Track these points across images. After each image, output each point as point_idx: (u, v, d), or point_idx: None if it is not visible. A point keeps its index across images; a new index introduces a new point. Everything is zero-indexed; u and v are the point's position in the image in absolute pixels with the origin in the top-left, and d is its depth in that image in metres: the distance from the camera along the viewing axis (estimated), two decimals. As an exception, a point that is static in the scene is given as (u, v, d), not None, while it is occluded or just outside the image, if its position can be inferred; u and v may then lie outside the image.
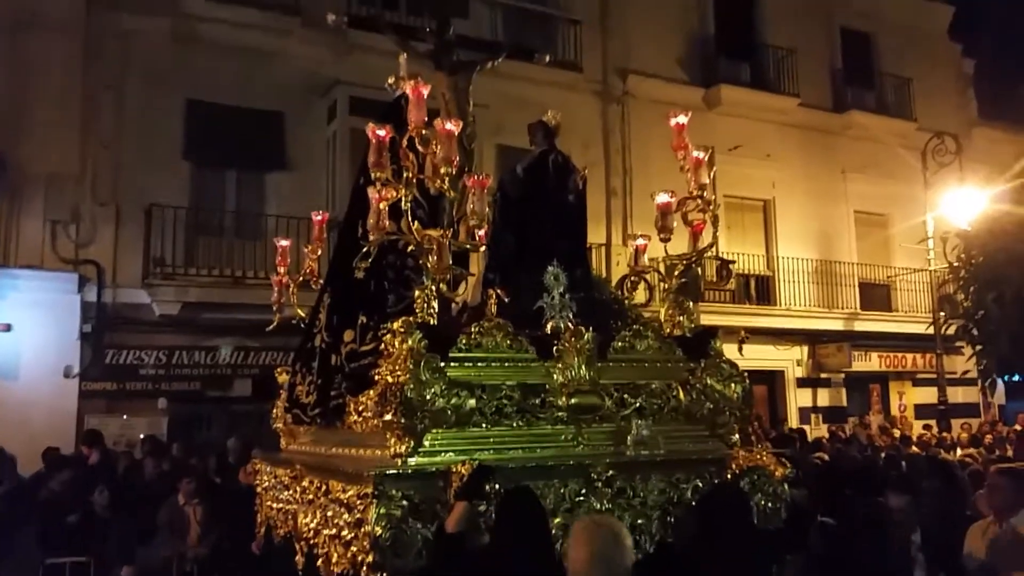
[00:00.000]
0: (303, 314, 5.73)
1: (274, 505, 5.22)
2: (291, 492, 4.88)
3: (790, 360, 16.23)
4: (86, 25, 11.41)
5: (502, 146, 12.17)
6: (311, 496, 4.47)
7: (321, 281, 5.69)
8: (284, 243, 6.21)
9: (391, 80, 5.34)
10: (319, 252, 5.92)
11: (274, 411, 5.90)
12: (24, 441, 8.76)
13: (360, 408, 4.24)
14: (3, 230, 10.84)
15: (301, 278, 5.90)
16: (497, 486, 3.64)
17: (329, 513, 4.07)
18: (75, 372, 10.83)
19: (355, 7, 12.32)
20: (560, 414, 4.15)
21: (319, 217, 5.96)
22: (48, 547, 6.87)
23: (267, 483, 5.50)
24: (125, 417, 11.09)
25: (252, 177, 12.42)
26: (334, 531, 3.96)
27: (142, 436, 10.48)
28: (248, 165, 12.38)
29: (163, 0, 11.61)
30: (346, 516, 3.84)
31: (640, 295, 5.30)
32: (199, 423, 11.83)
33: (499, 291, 4.29)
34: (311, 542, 4.33)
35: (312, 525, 4.34)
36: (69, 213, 11.09)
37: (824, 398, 16.55)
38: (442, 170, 4.03)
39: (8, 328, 10.46)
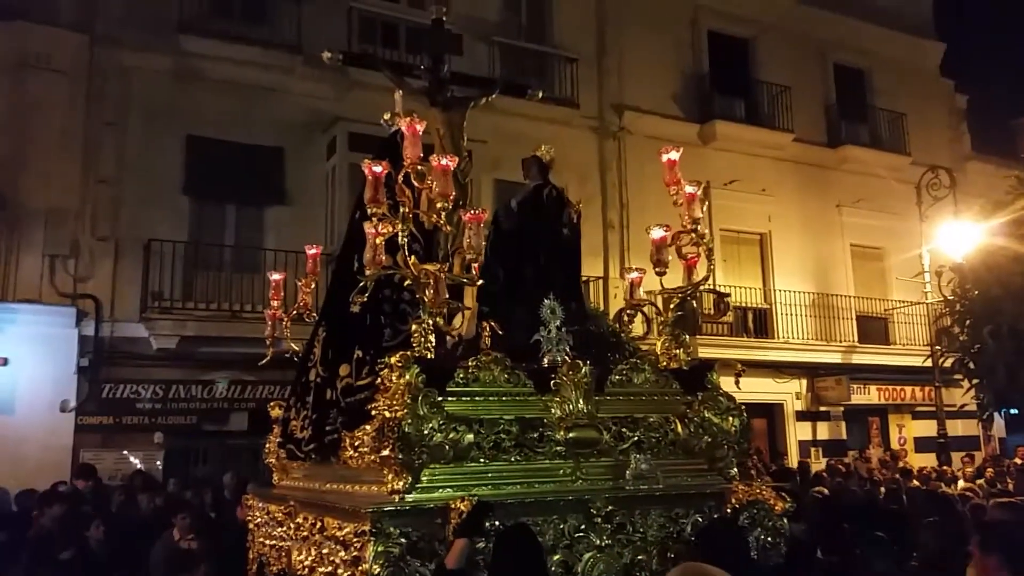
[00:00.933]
0: (296, 348, 5.71)
1: (267, 542, 5.16)
2: (285, 529, 4.82)
3: (789, 393, 16.19)
4: (88, 63, 11.54)
5: (500, 181, 12.26)
6: (305, 533, 4.42)
7: (315, 315, 5.68)
8: (277, 277, 6.20)
9: (387, 116, 5.41)
10: (312, 285, 5.93)
11: (267, 446, 5.86)
12: (19, 476, 8.72)
13: (356, 443, 4.20)
14: (2, 264, 10.86)
15: (294, 312, 5.89)
16: (496, 522, 3.61)
17: (324, 550, 4.02)
18: (72, 406, 10.78)
19: (356, 45, 12.50)
20: (558, 448, 4.11)
21: (313, 251, 5.98)
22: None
23: (260, 519, 5.44)
24: (125, 452, 11.01)
25: (251, 212, 12.49)
26: (330, 569, 3.91)
27: (136, 466, 10.41)
28: (247, 200, 12.46)
29: (165, 38, 11.76)
30: (342, 554, 3.79)
31: (638, 328, 5.31)
32: (195, 457, 11.74)
33: (493, 324, 4.29)
34: (306, 580, 4.28)
35: (307, 563, 4.28)
36: (68, 248, 11.12)
37: (824, 431, 16.45)
38: (438, 205, 4.07)
39: (5, 362, 10.44)
